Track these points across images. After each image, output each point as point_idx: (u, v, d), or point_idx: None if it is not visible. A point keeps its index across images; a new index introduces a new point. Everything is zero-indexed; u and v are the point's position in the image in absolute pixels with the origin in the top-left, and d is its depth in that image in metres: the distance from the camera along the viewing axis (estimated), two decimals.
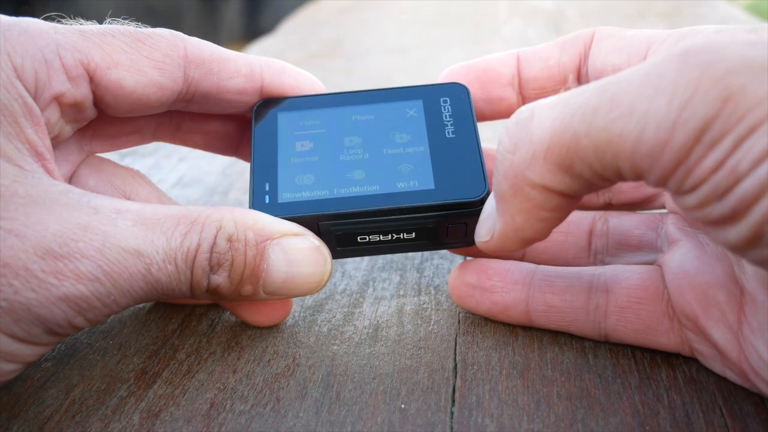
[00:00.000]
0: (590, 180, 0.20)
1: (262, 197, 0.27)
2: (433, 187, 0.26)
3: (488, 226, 0.24)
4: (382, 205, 0.26)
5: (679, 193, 0.19)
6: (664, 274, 0.26)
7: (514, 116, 0.22)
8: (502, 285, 0.28)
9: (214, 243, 0.24)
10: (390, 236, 0.27)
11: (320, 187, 0.27)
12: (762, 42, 0.18)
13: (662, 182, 0.19)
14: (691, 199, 0.18)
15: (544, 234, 0.23)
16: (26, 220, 0.22)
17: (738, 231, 0.18)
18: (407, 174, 0.27)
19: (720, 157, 0.17)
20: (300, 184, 0.27)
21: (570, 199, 0.22)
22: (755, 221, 0.17)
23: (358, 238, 0.27)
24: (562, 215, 0.22)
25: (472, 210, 0.26)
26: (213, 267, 0.25)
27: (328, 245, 0.27)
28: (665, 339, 0.25)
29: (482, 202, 0.26)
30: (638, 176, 0.19)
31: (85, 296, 0.22)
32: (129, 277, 0.23)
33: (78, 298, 0.22)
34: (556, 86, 0.29)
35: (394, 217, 0.26)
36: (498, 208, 0.23)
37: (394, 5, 1.05)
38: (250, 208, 0.27)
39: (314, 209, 0.26)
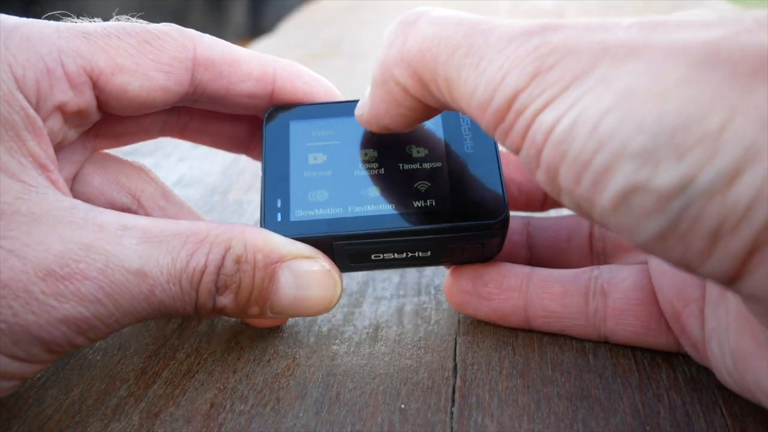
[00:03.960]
0: (441, 101, 0.22)
1: (274, 215, 0.26)
2: (450, 208, 0.26)
3: (362, 104, 0.25)
4: (397, 227, 0.25)
5: (511, 152, 0.20)
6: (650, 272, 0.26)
7: (404, 15, 0.23)
8: (499, 292, 0.27)
9: (222, 264, 0.24)
10: (405, 254, 0.26)
11: (334, 205, 0.26)
12: (594, 27, 0.19)
13: (490, 134, 0.20)
14: (521, 160, 0.20)
15: (404, 127, 0.25)
16: (28, 240, 0.21)
17: (565, 201, 0.19)
18: (424, 192, 0.26)
19: (524, 125, 0.19)
20: (313, 201, 0.26)
21: (426, 107, 0.23)
22: (566, 192, 0.18)
23: (372, 255, 0.26)
24: (419, 116, 0.24)
25: (489, 232, 0.25)
26: (219, 288, 0.24)
27: (340, 262, 0.26)
28: (665, 339, 0.25)
29: (500, 225, 0.25)
30: (474, 119, 0.21)
31: (86, 318, 0.22)
32: (131, 298, 0.22)
33: (79, 319, 0.22)
34: None
35: (408, 238, 0.25)
36: (370, 91, 0.24)
37: (394, 5, 1.05)
38: (261, 226, 0.26)
39: (327, 229, 0.26)
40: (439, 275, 0.32)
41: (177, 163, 0.48)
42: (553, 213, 0.33)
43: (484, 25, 0.20)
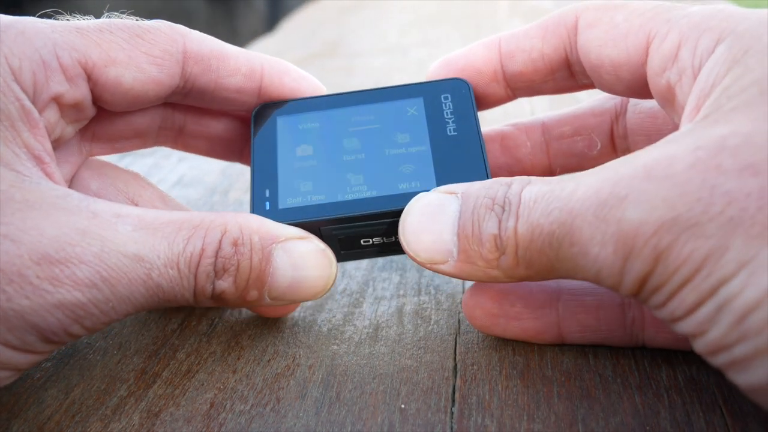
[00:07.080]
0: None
1: (263, 203, 0.27)
2: (435, 187, 0.26)
3: (440, 250, 0.24)
4: (383, 208, 0.26)
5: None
6: None
7: (500, 219, 0.22)
8: (528, 310, 0.26)
9: (219, 247, 0.24)
10: (393, 238, 0.27)
11: (321, 192, 0.27)
12: (687, 194, 0.19)
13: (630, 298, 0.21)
14: (658, 314, 0.21)
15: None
16: (22, 225, 0.21)
17: (698, 346, 0.20)
18: (408, 175, 0.27)
19: (662, 300, 0.20)
20: (300, 189, 0.27)
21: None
22: (708, 343, 0.19)
23: (361, 240, 0.27)
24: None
25: None
26: (218, 272, 0.24)
27: (332, 249, 0.27)
28: None
29: None
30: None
31: (82, 303, 0.22)
32: (128, 282, 0.22)
33: (74, 305, 0.22)
34: (545, 78, 0.28)
35: (395, 219, 0.26)
36: (460, 266, 0.24)
37: (394, 5, 1.05)
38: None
39: (315, 214, 0.26)
40: (438, 275, 0.32)
41: (177, 163, 0.48)
42: None
43: (570, 204, 0.21)
